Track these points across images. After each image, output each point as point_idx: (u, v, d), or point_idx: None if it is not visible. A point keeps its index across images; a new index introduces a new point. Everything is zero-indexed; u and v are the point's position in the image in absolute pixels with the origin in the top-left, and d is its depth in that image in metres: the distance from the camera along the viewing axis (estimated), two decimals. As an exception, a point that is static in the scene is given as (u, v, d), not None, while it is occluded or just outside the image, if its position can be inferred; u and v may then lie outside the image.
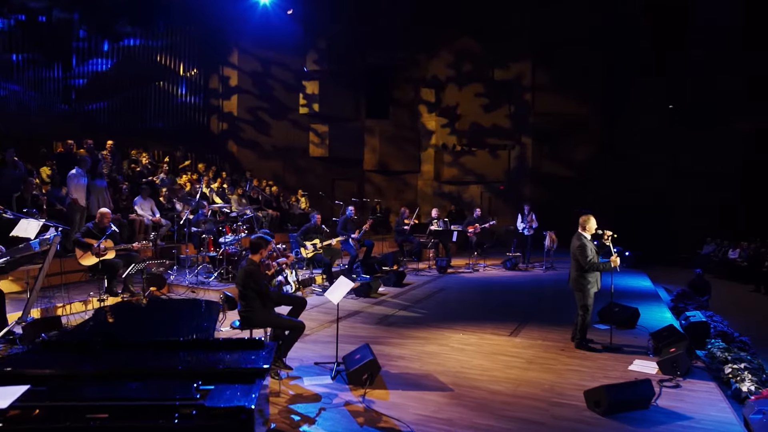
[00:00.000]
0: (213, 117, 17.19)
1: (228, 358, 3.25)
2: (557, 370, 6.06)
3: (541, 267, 13.51)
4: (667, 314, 8.85)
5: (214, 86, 17.11)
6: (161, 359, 3.17)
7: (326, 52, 17.68)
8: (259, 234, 5.80)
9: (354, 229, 11.77)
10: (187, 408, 2.68)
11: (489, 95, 18.65)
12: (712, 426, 4.64)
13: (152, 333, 3.83)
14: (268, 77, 17.31)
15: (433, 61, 19.21)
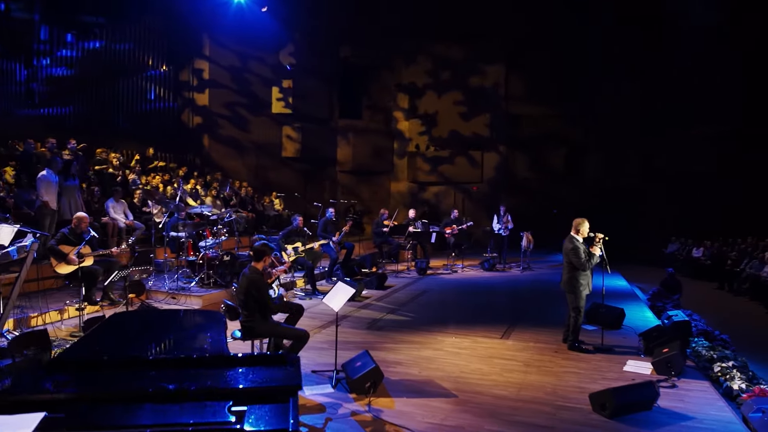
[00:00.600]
0: (185, 114, 16.71)
1: (253, 376, 3.10)
2: (555, 372, 6.10)
3: (518, 267, 13.66)
4: (648, 314, 9.07)
5: (185, 81, 16.63)
6: (183, 378, 3.00)
7: (301, 50, 17.41)
8: (262, 241, 5.62)
9: (334, 232, 11.63)
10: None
11: (465, 100, 18.78)
12: (715, 426, 4.74)
13: (163, 348, 3.63)
14: (243, 74, 16.96)
15: (409, 67, 19.20)
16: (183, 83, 16.60)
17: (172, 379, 2.97)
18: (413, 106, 19.30)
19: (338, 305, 5.61)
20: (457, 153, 18.98)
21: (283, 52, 17.42)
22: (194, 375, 3.06)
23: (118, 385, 2.84)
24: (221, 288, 8.95)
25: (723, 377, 6.02)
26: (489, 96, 18.74)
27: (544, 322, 8.32)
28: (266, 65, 17.20)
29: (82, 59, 14.16)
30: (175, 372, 3.09)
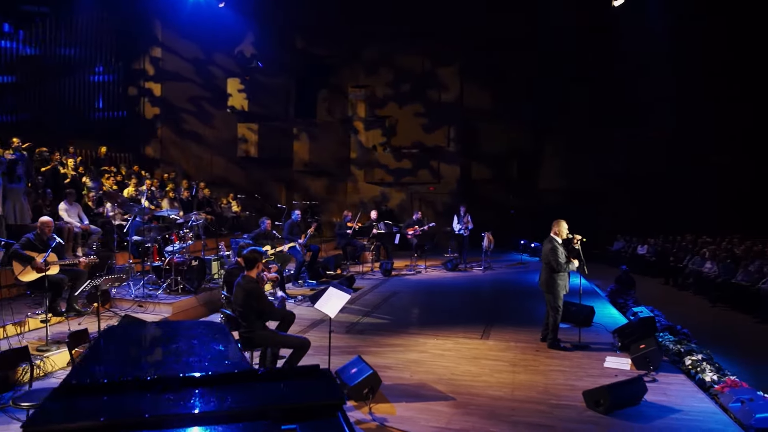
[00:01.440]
0: (137, 112, 15.97)
1: (291, 392, 2.99)
2: (542, 371, 6.27)
3: (480, 267, 13.93)
4: (613, 310, 9.48)
5: (137, 80, 15.90)
6: (221, 397, 2.86)
7: (258, 47, 17.02)
8: (251, 248, 5.43)
9: (299, 234, 11.47)
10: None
11: (423, 108, 18.93)
12: (701, 416, 5.02)
13: (182, 365, 3.45)
14: (198, 70, 16.41)
15: (364, 64, 19.17)
16: (135, 82, 15.87)
17: (210, 399, 2.83)
18: (371, 110, 19.27)
19: (334, 311, 5.52)
20: (411, 149, 19.10)
21: (239, 48, 16.96)
22: (231, 393, 2.93)
23: (159, 408, 2.68)
24: (190, 294, 8.62)
25: (694, 370, 6.37)
26: (446, 107, 18.99)
27: (520, 322, 8.53)
28: (222, 62, 16.72)
29: (23, 58, 13.25)
30: (208, 391, 2.95)
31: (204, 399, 2.79)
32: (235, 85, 17.02)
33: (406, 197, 19.32)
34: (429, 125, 18.98)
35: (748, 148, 18.13)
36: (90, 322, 7.49)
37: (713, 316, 11.41)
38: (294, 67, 18.26)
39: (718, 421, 4.92)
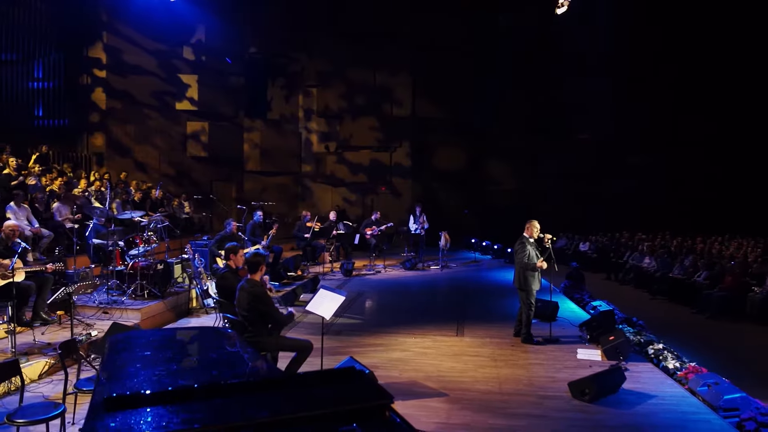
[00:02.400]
0: (79, 111, 15.13)
1: (337, 394, 3.05)
2: (522, 365, 6.56)
3: (437, 266, 14.23)
4: (570, 305, 10.00)
5: (79, 74, 15.06)
6: (274, 403, 2.87)
7: (208, 44, 16.54)
8: (253, 251, 5.36)
9: (262, 235, 11.33)
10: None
11: (369, 105, 19.05)
12: (674, 400, 5.46)
13: (208, 372, 3.41)
14: (147, 66, 15.73)
15: (315, 63, 19.07)
16: (78, 79, 15.03)
17: (267, 406, 2.83)
18: (322, 109, 19.20)
19: (329, 312, 5.55)
20: (362, 149, 19.21)
21: (189, 44, 16.43)
22: (284, 398, 2.95)
23: (221, 417, 2.65)
24: (157, 299, 8.33)
25: (657, 359, 6.88)
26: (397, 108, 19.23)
27: (489, 319, 8.85)
28: (172, 58, 16.13)
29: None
30: (261, 397, 2.95)
31: (261, 405, 2.80)
32: (185, 81, 16.47)
33: (358, 197, 19.40)
34: (380, 126, 19.15)
35: (675, 148, 19.50)
36: (53, 331, 7.14)
37: (654, 308, 12.23)
38: (244, 66, 17.90)
39: (690, 404, 5.37)
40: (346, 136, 19.21)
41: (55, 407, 4.11)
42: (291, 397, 3.01)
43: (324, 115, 19.23)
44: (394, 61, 18.86)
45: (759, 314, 10.26)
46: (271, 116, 18.88)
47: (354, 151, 19.27)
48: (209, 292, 9.00)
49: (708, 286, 11.49)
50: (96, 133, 15.39)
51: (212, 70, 16.74)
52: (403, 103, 19.22)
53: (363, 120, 19.09)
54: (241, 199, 17.31)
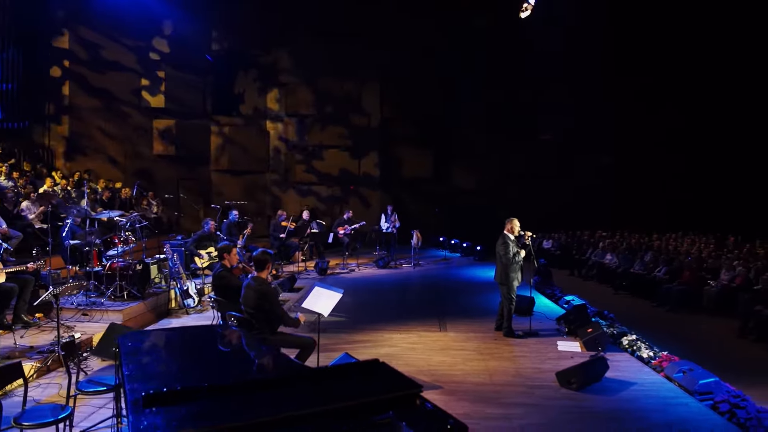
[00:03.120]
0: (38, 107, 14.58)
1: (372, 385, 3.17)
2: (508, 357, 6.82)
3: (409, 264, 14.44)
4: (543, 299, 10.39)
5: (40, 68, 14.50)
6: (313, 396, 2.96)
7: (175, 40, 16.19)
8: (261, 249, 5.38)
9: (238, 235, 11.28)
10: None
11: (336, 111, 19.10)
12: (654, 387, 5.82)
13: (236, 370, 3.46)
14: (110, 62, 15.28)
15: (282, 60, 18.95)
16: (36, 74, 14.46)
17: (298, 400, 2.92)
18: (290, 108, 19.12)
19: (327, 309, 5.66)
20: (331, 148, 19.24)
21: (155, 40, 16.05)
22: (314, 391, 3.04)
23: (256, 412, 2.71)
24: (138, 300, 8.20)
25: (631, 349, 7.27)
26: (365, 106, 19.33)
27: (469, 314, 9.11)
28: (138, 54, 15.73)
29: None
30: (289, 391, 3.04)
31: (296, 399, 2.88)
32: (152, 78, 16.10)
33: (327, 196, 19.40)
34: (350, 126, 19.22)
35: (634, 148, 20.38)
36: (32, 334, 6.94)
37: (618, 302, 12.78)
38: (213, 63, 17.63)
39: (668, 389, 5.74)
40: (315, 137, 19.17)
41: (62, 409, 4.05)
42: (323, 389, 3.12)
43: (293, 115, 19.14)
44: (363, 62, 18.94)
45: (715, 306, 10.91)
46: (239, 114, 18.65)
47: (323, 151, 19.25)
48: (189, 292, 8.93)
49: (667, 280, 12.11)
50: (58, 130, 14.86)
51: (180, 66, 16.41)
52: (371, 111, 19.31)
53: (331, 128, 19.09)
54: (208, 198, 17.09)
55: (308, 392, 3.06)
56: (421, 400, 3.11)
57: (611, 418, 5.09)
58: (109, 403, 5.40)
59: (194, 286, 9.10)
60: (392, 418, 2.85)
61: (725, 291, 10.86)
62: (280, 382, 3.19)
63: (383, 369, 3.44)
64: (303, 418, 2.74)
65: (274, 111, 19.18)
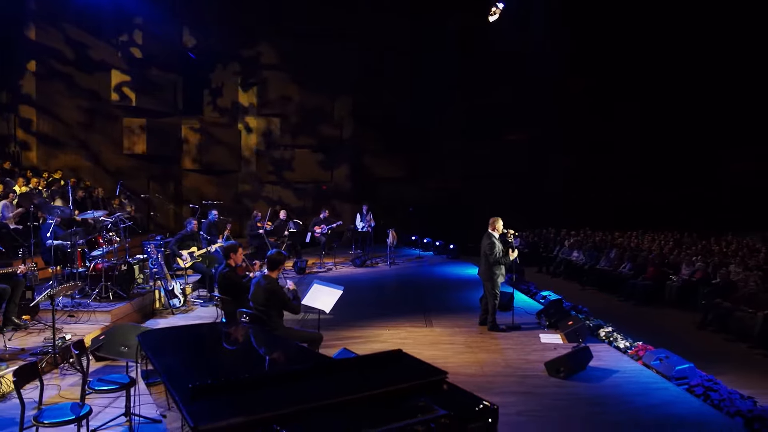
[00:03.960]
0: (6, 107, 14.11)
1: (402, 373, 3.38)
2: (495, 350, 7.14)
3: (385, 263, 14.66)
4: (520, 295, 10.76)
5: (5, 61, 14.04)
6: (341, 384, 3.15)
7: (146, 37, 15.90)
8: (276, 250, 5.51)
9: (218, 234, 11.25)
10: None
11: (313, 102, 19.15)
12: (634, 373, 6.24)
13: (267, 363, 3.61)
14: (79, 60, 14.89)
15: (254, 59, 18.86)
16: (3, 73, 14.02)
17: (337, 388, 3.10)
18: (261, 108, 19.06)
19: (328, 305, 5.83)
20: (303, 148, 19.29)
21: (125, 36, 15.73)
22: (348, 380, 3.24)
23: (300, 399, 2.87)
24: (124, 301, 8.14)
25: (608, 340, 7.71)
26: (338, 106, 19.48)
27: (452, 310, 9.42)
28: (108, 50, 15.39)
29: None
30: (326, 380, 3.23)
31: (334, 387, 3.07)
32: (120, 77, 15.78)
33: (300, 196, 19.44)
34: (322, 125, 19.31)
35: (595, 149, 21.22)
36: (19, 337, 6.83)
37: (586, 297, 13.35)
38: (181, 61, 17.41)
39: (648, 376, 6.16)
40: (287, 136, 19.18)
41: (81, 407, 4.10)
42: (357, 378, 3.32)
43: (266, 114, 19.08)
44: (335, 62, 19.04)
45: (677, 300, 11.55)
46: (209, 113, 18.48)
47: (295, 150, 19.27)
48: (175, 292, 8.92)
49: (632, 276, 12.73)
50: (26, 130, 14.41)
51: (151, 64, 16.14)
52: (343, 112, 19.45)
53: (304, 128, 19.12)
54: (179, 198, 16.90)
55: (344, 380, 3.25)
56: (447, 385, 3.36)
57: (598, 402, 5.46)
58: (113, 402, 5.44)
59: (179, 286, 9.08)
60: (427, 401, 3.07)
61: (686, 285, 11.52)
62: (311, 372, 3.37)
63: (407, 358, 3.68)
64: (343, 405, 2.94)
65: (246, 110, 19.07)
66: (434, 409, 2.99)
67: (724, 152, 20.88)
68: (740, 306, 9.15)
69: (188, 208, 16.49)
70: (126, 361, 5.62)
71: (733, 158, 20.93)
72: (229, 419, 2.64)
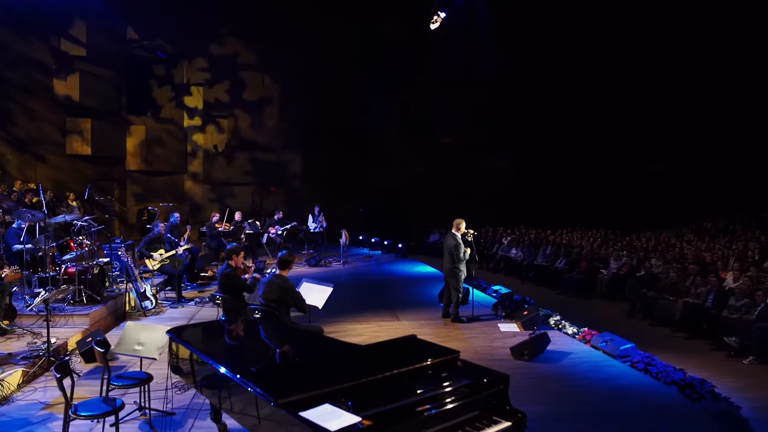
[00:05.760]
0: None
1: (423, 353, 3.98)
2: (462, 339, 7.90)
3: (339, 262, 15.16)
4: (473, 290, 11.62)
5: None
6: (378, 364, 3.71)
7: (89, 34, 15.44)
8: (286, 251, 5.92)
9: (179, 236, 11.37)
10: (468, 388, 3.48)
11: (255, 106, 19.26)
12: (585, 354, 7.18)
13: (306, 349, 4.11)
14: (21, 58, 14.26)
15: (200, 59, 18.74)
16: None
17: (375, 366, 3.66)
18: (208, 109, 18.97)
19: (321, 302, 6.34)
20: (249, 149, 19.39)
21: (71, 36, 15.22)
22: (381, 361, 3.80)
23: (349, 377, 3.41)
24: (98, 304, 8.20)
25: (557, 327, 8.67)
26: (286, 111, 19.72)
27: (412, 305, 10.12)
28: (48, 48, 14.83)
29: None
30: (364, 361, 3.79)
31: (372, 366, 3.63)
32: (61, 75, 15.26)
33: (248, 197, 19.51)
34: (268, 127, 19.48)
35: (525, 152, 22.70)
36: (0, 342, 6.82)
37: (526, 291, 14.47)
38: (126, 59, 17.05)
39: (597, 356, 7.13)
40: (233, 137, 19.20)
41: (114, 401, 4.39)
42: (386, 359, 3.90)
43: (211, 115, 19.00)
44: (281, 64, 19.29)
45: (608, 291, 12.81)
46: (156, 114, 18.19)
47: (241, 151, 19.33)
48: (147, 294, 9.04)
49: (567, 270, 13.96)
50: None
51: (95, 63, 15.71)
52: (290, 112, 19.68)
53: (250, 118, 19.22)
54: (124, 199, 16.58)
55: (376, 361, 3.81)
56: (461, 362, 4.01)
57: (560, 379, 6.32)
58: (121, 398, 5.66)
59: (150, 288, 9.20)
60: (449, 374, 3.71)
61: (615, 278, 12.82)
62: (348, 356, 3.93)
63: (421, 342, 4.30)
64: (382, 380, 3.52)
65: (192, 110, 18.92)
66: (458, 379, 3.64)
67: (630, 150, 22.81)
68: (663, 295, 10.42)
69: (133, 211, 16.31)
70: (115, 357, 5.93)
71: (645, 158, 22.94)
72: (302, 393, 3.14)
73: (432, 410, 3.24)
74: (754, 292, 8.63)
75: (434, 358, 3.91)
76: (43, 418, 5.14)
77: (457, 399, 3.42)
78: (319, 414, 2.97)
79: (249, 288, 6.15)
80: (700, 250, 13.33)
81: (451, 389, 3.47)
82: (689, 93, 20.79)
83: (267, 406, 3.14)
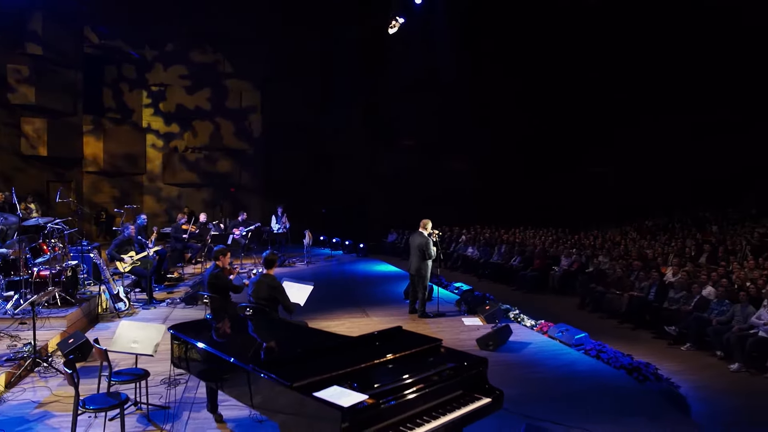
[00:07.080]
0: None
1: (410, 342, 4.45)
2: (431, 333, 8.35)
3: (302, 262, 15.45)
4: (435, 287, 12.20)
5: None
6: (372, 352, 4.16)
7: (45, 30, 15.04)
8: (270, 251, 6.21)
9: (147, 238, 11.43)
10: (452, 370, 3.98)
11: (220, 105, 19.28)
12: (544, 344, 7.85)
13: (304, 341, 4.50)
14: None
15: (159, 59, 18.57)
16: None
17: (370, 354, 4.11)
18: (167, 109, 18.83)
19: (302, 298, 6.71)
20: (210, 150, 19.40)
21: (25, 34, 14.81)
22: (374, 349, 4.25)
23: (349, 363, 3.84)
24: (73, 306, 8.26)
25: (516, 321, 9.34)
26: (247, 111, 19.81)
27: (379, 302, 10.60)
28: (3, 48, 14.41)
29: None
30: (359, 350, 4.22)
31: (367, 354, 4.08)
32: (16, 74, 14.85)
33: (208, 198, 19.47)
34: (229, 128, 19.52)
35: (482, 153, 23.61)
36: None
37: (484, 288, 15.16)
38: (82, 57, 16.72)
39: (554, 345, 7.81)
40: (192, 138, 19.14)
41: (118, 396, 4.64)
42: (378, 347, 4.36)
43: (170, 116, 18.87)
44: (241, 65, 19.38)
45: (559, 287, 13.68)
46: (112, 114, 17.91)
47: (202, 152, 19.29)
48: (120, 296, 9.14)
49: (522, 268, 14.78)
50: None
51: (50, 62, 15.36)
52: (251, 114, 19.80)
53: (210, 119, 19.22)
54: (80, 202, 16.27)
55: (368, 350, 4.25)
56: (444, 348, 4.50)
57: (524, 366, 6.95)
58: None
59: (123, 290, 9.28)
60: (435, 359, 4.20)
61: (566, 274, 13.71)
62: (343, 346, 4.36)
63: (406, 332, 4.77)
64: (377, 366, 3.98)
65: (149, 111, 18.74)
66: (443, 363, 4.14)
67: (579, 152, 24.08)
68: (610, 289, 11.30)
69: (87, 212, 16.07)
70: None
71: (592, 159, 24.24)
72: (312, 377, 3.56)
73: (424, 389, 3.72)
74: (690, 285, 9.58)
75: (420, 346, 4.39)
76: (40, 415, 5.31)
77: (443, 380, 3.91)
78: (330, 394, 3.40)
79: (236, 288, 6.45)
80: (642, 248, 14.41)
81: (438, 371, 3.96)
82: (636, 97, 22.32)
83: (283, 389, 3.53)
